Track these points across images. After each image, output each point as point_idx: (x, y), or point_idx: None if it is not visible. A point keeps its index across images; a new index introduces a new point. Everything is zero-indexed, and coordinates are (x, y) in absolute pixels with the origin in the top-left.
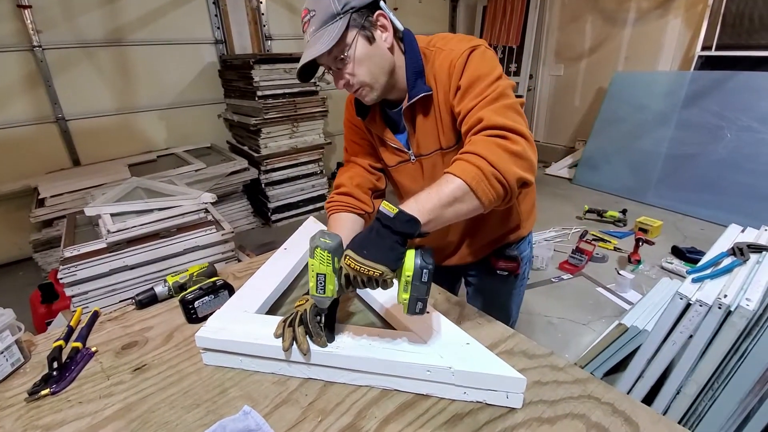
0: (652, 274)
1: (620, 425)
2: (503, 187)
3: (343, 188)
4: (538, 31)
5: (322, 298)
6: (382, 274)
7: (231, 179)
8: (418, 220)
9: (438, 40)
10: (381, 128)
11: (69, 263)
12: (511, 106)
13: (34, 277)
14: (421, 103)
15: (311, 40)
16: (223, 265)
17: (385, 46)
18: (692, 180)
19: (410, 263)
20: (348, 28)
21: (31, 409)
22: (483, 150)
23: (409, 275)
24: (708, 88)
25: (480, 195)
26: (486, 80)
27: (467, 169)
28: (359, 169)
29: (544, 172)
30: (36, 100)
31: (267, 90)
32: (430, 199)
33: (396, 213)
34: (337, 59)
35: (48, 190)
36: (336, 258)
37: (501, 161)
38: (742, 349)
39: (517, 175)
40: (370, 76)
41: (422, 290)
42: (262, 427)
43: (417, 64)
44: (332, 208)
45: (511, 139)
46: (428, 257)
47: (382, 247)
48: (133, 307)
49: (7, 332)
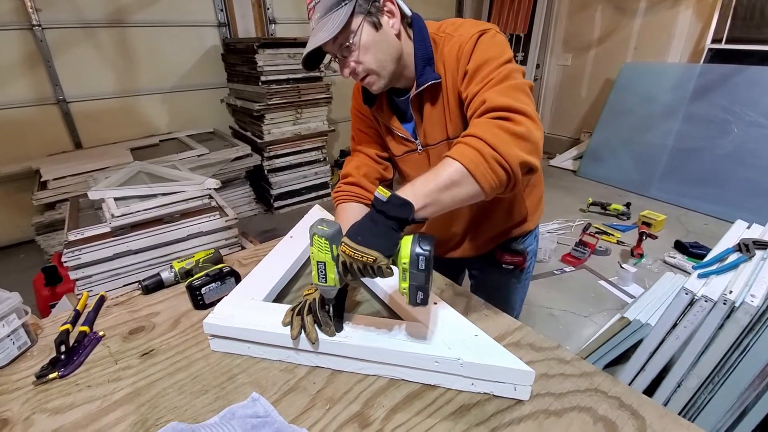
0: (655, 268)
1: (627, 419)
2: (505, 171)
3: (350, 178)
4: (546, 19)
5: (325, 287)
6: (375, 260)
7: (234, 165)
8: (411, 204)
9: (448, 26)
10: (388, 117)
11: (73, 246)
12: (517, 87)
13: (36, 259)
14: (430, 91)
15: (316, 27)
16: (226, 251)
17: (392, 33)
18: (697, 174)
19: (406, 250)
20: (353, 14)
21: (40, 392)
22: (483, 132)
23: (406, 262)
24: (717, 81)
25: (479, 179)
26: (494, 63)
27: (465, 152)
28: (366, 159)
29: (548, 164)
30: (36, 80)
31: (271, 75)
32: (426, 184)
33: (389, 197)
34: (342, 47)
35: (50, 173)
36: (334, 245)
37: (502, 143)
38: (744, 345)
39: (519, 158)
40: (377, 63)
41: (420, 278)
42: (270, 413)
43: (426, 51)
44: (339, 198)
45: (514, 120)
46: (426, 243)
47: (375, 233)
48: (139, 292)
49: (14, 315)
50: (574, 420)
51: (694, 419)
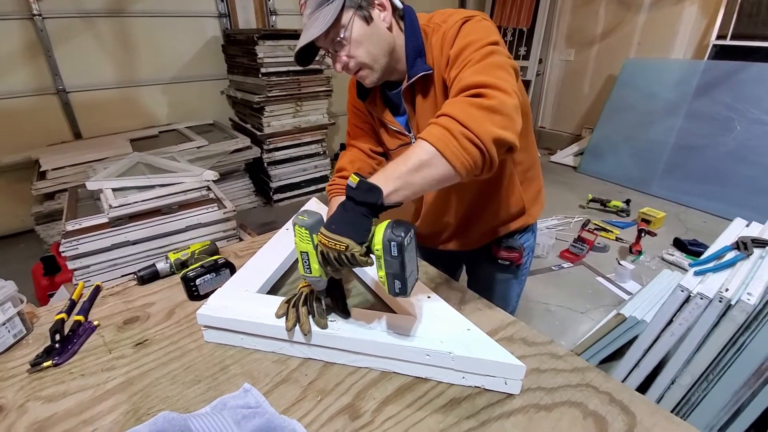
0: (653, 265)
1: (617, 414)
2: (477, 148)
3: (344, 172)
4: (550, 14)
5: (312, 278)
6: (347, 247)
7: (233, 157)
8: (379, 188)
9: (437, 16)
10: (381, 110)
11: (71, 237)
12: (496, 64)
13: (35, 249)
14: (421, 83)
15: (308, 23)
16: (224, 243)
17: (383, 26)
18: (698, 171)
19: (379, 236)
20: (344, 8)
21: (34, 380)
22: (452, 110)
23: (379, 249)
24: (721, 78)
25: (449, 158)
26: (475, 45)
27: (434, 132)
28: (360, 154)
29: (549, 160)
30: (36, 70)
31: (271, 67)
32: (396, 167)
33: (357, 182)
34: (334, 41)
35: (49, 163)
36: (314, 235)
37: (471, 119)
38: (740, 343)
39: (493, 134)
40: (369, 57)
41: (395, 266)
42: (261, 404)
43: (417, 43)
44: (332, 191)
45: (486, 96)
46: (399, 229)
47: (347, 220)
48: (135, 282)
49: (9, 304)
50: (564, 415)
51: (688, 416)
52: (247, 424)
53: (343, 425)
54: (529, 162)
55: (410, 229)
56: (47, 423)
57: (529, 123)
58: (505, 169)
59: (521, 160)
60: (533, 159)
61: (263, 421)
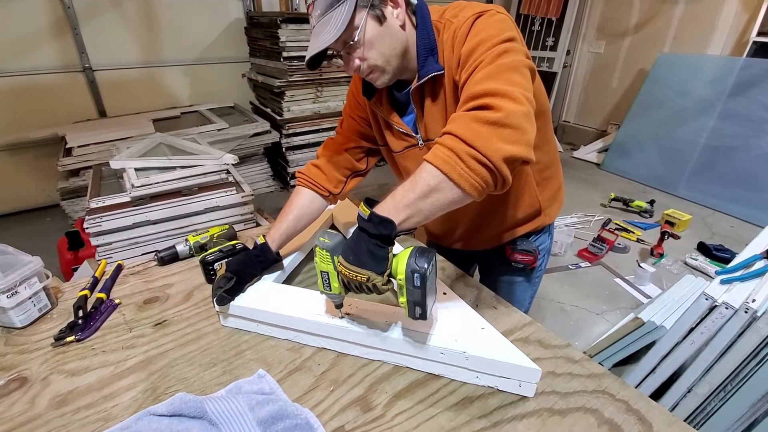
0: (674, 269)
1: (633, 423)
2: (487, 168)
3: (318, 161)
4: (581, 3)
5: (332, 295)
6: (368, 278)
7: (252, 141)
8: (391, 221)
9: (450, 10)
10: (387, 111)
11: (94, 214)
12: (508, 66)
13: (61, 223)
14: (431, 83)
15: (317, 26)
16: (241, 227)
17: (396, 24)
18: (728, 174)
19: (402, 266)
20: (356, 9)
21: (57, 354)
22: (456, 127)
23: (402, 279)
24: (759, 77)
25: (457, 181)
26: (487, 44)
27: (439, 153)
28: (342, 146)
29: (572, 155)
30: (63, 47)
31: (293, 51)
32: (405, 194)
33: (369, 215)
34: (346, 44)
35: (75, 140)
36: (336, 257)
37: (478, 138)
38: (762, 355)
39: (502, 153)
40: (382, 59)
41: (417, 295)
42: (275, 391)
43: (428, 41)
44: (299, 179)
45: (493, 107)
46: (422, 260)
47: (363, 252)
48: (155, 262)
49: (35, 279)
50: (579, 420)
51: (701, 426)
52: (260, 410)
53: (355, 417)
54: (547, 161)
55: (432, 258)
56: (69, 396)
57: (548, 120)
58: (519, 171)
59: (537, 160)
60: (551, 157)
61: (276, 408)
